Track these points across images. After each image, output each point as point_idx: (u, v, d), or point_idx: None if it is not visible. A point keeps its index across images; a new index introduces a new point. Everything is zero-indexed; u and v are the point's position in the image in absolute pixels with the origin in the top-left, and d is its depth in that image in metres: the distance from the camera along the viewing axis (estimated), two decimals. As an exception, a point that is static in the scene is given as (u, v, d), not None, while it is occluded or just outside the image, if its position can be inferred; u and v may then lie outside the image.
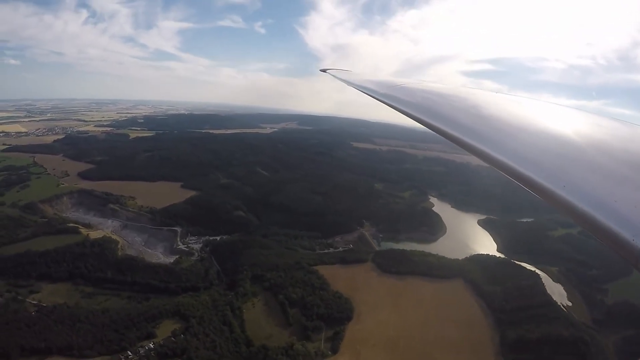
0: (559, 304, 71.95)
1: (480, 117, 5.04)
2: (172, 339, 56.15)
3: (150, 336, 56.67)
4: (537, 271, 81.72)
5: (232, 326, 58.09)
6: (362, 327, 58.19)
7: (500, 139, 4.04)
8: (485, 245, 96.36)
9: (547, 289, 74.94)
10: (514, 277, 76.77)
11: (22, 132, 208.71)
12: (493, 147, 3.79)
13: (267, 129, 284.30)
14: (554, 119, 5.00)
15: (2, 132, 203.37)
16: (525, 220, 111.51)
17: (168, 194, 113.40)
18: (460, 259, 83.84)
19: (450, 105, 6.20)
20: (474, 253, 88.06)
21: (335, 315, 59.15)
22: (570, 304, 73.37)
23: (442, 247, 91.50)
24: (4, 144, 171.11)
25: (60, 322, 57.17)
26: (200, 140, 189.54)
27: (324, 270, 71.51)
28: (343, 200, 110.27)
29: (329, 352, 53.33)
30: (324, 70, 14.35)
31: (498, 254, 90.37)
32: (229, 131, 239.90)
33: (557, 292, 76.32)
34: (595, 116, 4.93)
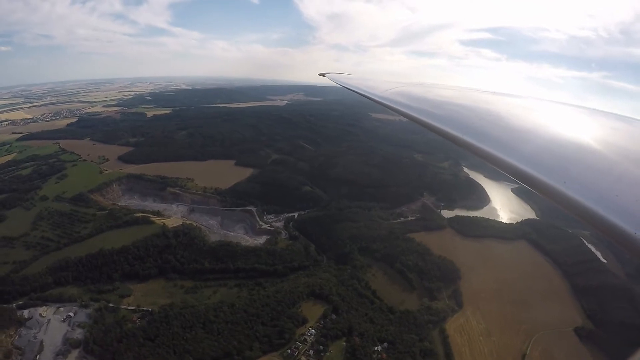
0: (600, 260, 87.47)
1: (480, 117, 5.11)
2: (328, 319, 55.32)
3: (303, 322, 54.63)
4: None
5: (368, 297, 62.17)
6: (470, 284, 68.67)
7: (501, 139, 4.27)
8: (526, 211, 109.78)
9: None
10: (562, 237, 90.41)
11: (28, 119, 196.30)
12: (495, 147, 3.99)
13: (278, 101, 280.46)
14: (553, 117, 5.17)
15: (7, 120, 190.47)
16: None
17: (225, 173, 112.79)
18: (514, 223, 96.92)
19: (450, 106, 6.41)
20: (522, 218, 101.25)
21: (449, 276, 68.54)
22: (606, 261, 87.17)
23: (493, 213, 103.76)
24: (14, 132, 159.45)
25: (188, 327, 51.61)
26: (230, 115, 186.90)
27: (418, 238, 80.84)
28: (396, 171, 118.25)
29: (456, 307, 62.27)
30: (322, 75, 14.12)
31: (538, 219, 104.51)
32: (243, 105, 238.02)
33: (594, 252, 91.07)
34: (592, 112, 5.11)
